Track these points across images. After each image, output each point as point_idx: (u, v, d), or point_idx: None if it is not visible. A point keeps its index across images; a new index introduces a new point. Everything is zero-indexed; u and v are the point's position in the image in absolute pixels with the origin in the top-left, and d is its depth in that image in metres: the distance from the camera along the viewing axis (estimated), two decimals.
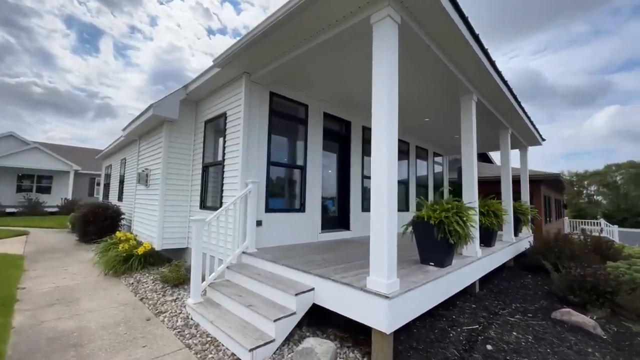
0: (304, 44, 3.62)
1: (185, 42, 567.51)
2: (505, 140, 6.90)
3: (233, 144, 4.66)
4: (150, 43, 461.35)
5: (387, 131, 2.76)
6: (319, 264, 3.62)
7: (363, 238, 6.22)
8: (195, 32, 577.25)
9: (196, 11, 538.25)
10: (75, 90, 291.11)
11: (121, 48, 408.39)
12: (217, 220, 3.90)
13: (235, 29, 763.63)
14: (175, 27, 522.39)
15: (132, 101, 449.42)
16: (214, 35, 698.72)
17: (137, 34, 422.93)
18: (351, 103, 5.97)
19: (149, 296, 4.12)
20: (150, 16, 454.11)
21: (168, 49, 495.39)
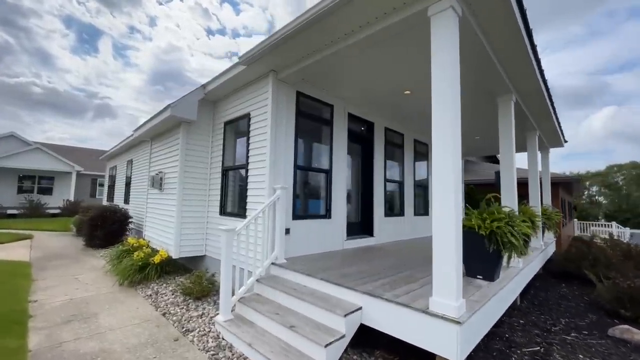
0: (342, 40, 3.35)
1: (184, 42, 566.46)
2: (533, 142, 6.64)
3: (258, 147, 4.38)
4: (149, 43, 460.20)
5: (451, 135, 2.49)
6: (359, 277, 3.34)
7: (388, 245, 5.95)
8: (194, 32, 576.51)
9: (195, 11, 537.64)
10: (74, 91, 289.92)
11: (120, 48, 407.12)
12: (247, 230, 3.61)
13: (235, 29, 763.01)
14: (175, 27, 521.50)
15: (131, 101, 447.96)
16: (213, 36, 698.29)
17: (137, 34, 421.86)
18: (375, 103, 5.69)
19: (172, 311, 3.84)
20: (150, 16, 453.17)
21: (167, 49, 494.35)
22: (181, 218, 5.16)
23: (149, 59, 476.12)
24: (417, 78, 4.58)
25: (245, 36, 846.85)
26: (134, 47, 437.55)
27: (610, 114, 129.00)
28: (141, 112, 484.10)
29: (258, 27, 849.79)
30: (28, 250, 7.67)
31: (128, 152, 11.26)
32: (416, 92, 5.06)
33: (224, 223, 4.96)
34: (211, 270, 5.01)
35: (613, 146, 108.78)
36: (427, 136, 8.14)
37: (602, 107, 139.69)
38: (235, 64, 4.35)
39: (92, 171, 22.29)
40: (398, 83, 4.80)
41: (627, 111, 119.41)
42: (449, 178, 2.42)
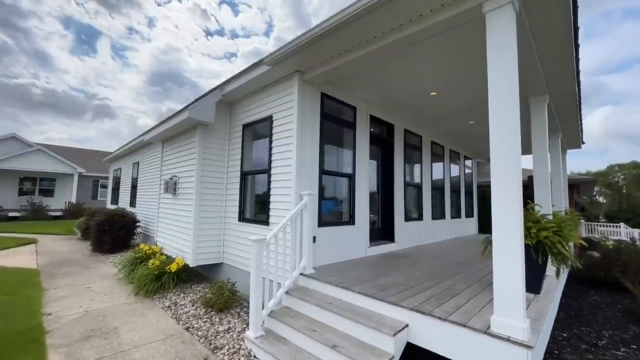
0: (379, 39, 3.16)
1: (182, 43, 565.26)
2: (556, 143, 6.46)
3: (282, 151, 4.19)
4: (148, 44, 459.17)
5: (511, 140, 2.29)
6: (398, 290, 3.14)
7: (410, 251, 5.76)
8: (193, 33, 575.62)
9: (194, 12, 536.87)
10: (72, 91, 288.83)
11: (119, 49, 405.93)
12: (276, 239, 3.42)
13: (233, 30, 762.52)
14: (173, 28, 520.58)
15: (130, 102, 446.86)
16: (212, 37, 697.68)
17: (135, 35, 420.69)
18: (398, 104, 5.50)
19: (195, 324, 3.64)
20: (148, 17, 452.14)
21: (166, 50, 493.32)
22: (198, 224, 4.96)
23: (148, 60, 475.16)
24: (446, 78, 4.41)
25: (243, 37, 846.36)
26: (132, 48, 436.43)
27: (606, 113, 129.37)
28: (140, 112, 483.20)
29: (256, 28, 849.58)
30: (34, 256, 7.46)
31: (134, 154, 11.05)
32: (443, 93, 4.88)
33: (244, 230, 4.78)
34: (229, 279, 4.82)
35: (610, 145, 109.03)
36: (443, 139, 7.96)
37: (599, 107, 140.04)
38: (254, 63, 4.16)
39: (94, 173, 22.05)
40: (426, 84, 4.62)
41: (623, 111, 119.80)
42: (512, 187, 2.24)
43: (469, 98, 5.08)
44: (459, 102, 5.27)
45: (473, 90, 4.75)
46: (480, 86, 4.54)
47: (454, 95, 5.00)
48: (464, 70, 4.15)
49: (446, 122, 6.42)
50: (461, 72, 4.21)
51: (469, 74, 4.22)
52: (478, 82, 4.43)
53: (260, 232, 4.40)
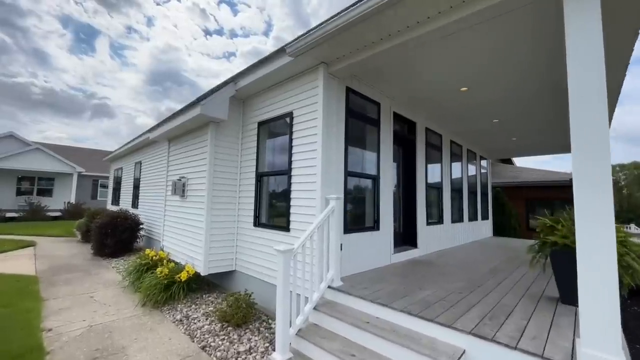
0: (419, 27, 2.82)
1: (181, 42, 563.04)
2: None
3: (304, 151, 3.83)
4: (147, 43, 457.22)
5: (600, 134, 1.94)
6: (442, 307, 2.79)
7: (434, 257, 5.42)
8: (192, 32, 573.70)
9: (193, 12, 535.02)
10: (71, 90, 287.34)
11: (118, 48, 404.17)
12: (303, 248, 3.06)
13: (232, 30, 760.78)
14: (172, 27, 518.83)
15: (128, 101, 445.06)
16: (211, 36, 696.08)
17: (134, 34, 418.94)
18: (423, 100, 5.14)
19: (212, 343, 3.28)
20: (147, 17, 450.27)
21: (165, 49, 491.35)
22: (210, 229, 4.60)
23: (147, 59, 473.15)
24: (479, 72, 4.05)
25: (242, 36, 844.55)
26: (131, 47, 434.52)
27: None
28: (138, 112, 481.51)
29: (256, 27, 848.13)
30: (33, 261, 7.08)
31: (136, 153, 10.67)
32: (474, 88, 4.53)
33: (260, 235, 4.42)
34: (241, 288, 4.48)
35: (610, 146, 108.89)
36: (462, 137, 7.61)
37: None
38: (273, 53, 3.80)
39: (94, 172, 21.64)
40: (457, 79, 4.27)
41: (622, 111, 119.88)
42: (603, 191, 1.88)
43: (499, 94, 4.73)
44: (488, 98, 4.92)
45: (505, 84, 4.41)
46: (514, 79, 4.22)
47: (485, 91, 4.65)
48: (499, 64, 3.81)
49: (470, 119, 6.07)
50: (497, 65, 3.86)
51: (504, 67, 3.88)
52: (512, 75, 4.11)
53: (279, 239, 4.06)
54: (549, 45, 3.32)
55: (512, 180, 11.50)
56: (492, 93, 4.72)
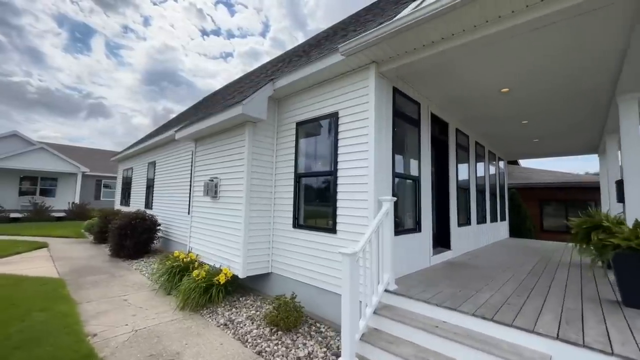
0: (493, 25, 2.76)
1: (178, 42, 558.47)
2: (614, 144, 6.15)
3: (353, 151, 3.77)
4: (143, 43, 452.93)
5: None
6: (512, 310, 2.75)
7: (465, 258, 5.39)
8: (188, 32, 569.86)
9: (190, 12, 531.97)
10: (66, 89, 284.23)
11: (114, 47, 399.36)
12: (364, 252, 3.00)
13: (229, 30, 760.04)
14: (169, 27, 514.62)
15: (124, 101, 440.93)
16: (208, 37, 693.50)
17: (130, 34, 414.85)
18: (459, 101, 5.10)
19: (267, 348, 3.20)
20: (144, 16, 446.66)
21: (161, 49, 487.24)
22: (249, 231, 4.52)
23: (143, 59, 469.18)
24: (527, 73, 4.01)
25: (239, 37, 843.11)
26: (127, 47, 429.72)
27: None
28: (135, 111, 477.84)
29: (253, 28, 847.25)
30: (51, 263, 6.94)
31: (149, 153, 10.55)
32: (516, 90, 4.50)
33: (300, 237, 4.35)
34: (278, 291, 4.42)
35: None
36: (485, 138, 7.60)
37: None
38: (321, 52, 3.73)
39: (97, 172, 21.39)
40: (500, 79, 4.23)
41: None
42: None
43: (539, 95, 4.71)
44: (527, 100, 4.90)
45: (547, 87, 4.39)
46: (557, 82, 4.20)
47: (525, 93, 4.62)
48: (548, 66, 3.78)
49: (500, 120, 6.05)
50: (545, 68, 3.83)
51: (552, 69, 3.85)
52: (557, 78, 4.09)
53: (323, 241, 4.00)
54: (596, 54, 3.32)
55: (526, 181, 11.54)
56: (531, 95, 4.69)
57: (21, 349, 3.01)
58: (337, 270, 3.76)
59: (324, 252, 3.96)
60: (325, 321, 3.83)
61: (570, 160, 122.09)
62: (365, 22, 4.58)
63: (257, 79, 6.95)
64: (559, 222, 11.43)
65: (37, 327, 3.52)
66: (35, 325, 3.54)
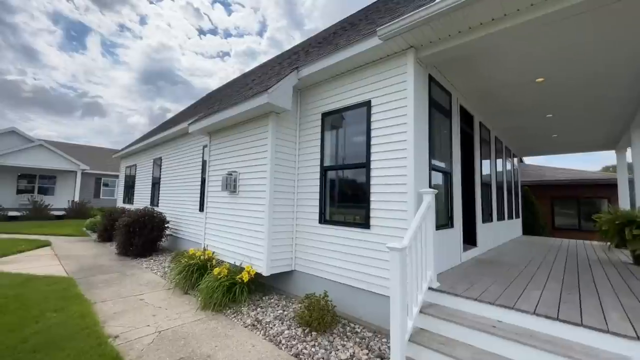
0: (536, 9, 2.58)
1: (175, 41, 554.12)
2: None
3: (387, 142, 3.57)
4: (139, 42, 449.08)
5: None
6: (571, 308, 2.56)
7: (490, 255, 5.24)
8: (185, 31, 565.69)
9: (187, 11, 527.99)
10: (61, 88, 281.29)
11: (109, 46, 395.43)
12: (409, 249, 2.80)
13: (226, 30, 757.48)
14: (165, 26, 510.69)
15: (120, 100, 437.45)
16: (205, 36, 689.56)
17: (127, 33, 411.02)
18: (487, 92, 4.91)
19: (304, 350, 2.99)
20: (140, 15, 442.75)
21: (158, 48, 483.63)
22: (272, 227, 4.31)
23: (139, 57, 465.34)
24: (567, 61, 3.84)
25: (236, 36, 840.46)
26: (123, 45, 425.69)
27: None
28: (131, 110, 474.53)
29: (250, 27, 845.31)
30: (57, 261, 6.68)
31: (154, 149, 10.30)
32: (552, 79, 4.32)
33: (328, 233, 4.15)
34: (302, 289, 4.25)
35: None
36: (504, 133, 7.42)
37: None
38: (357, 37, 3.52)
39: (97, 170, 21.02)
40: (539, 67, 4.05)
41: None
42: None
43: (573, 86, 4.54)
44: (560, 91, 4.72)
45: (583, 77, 4.22)
46: (594, 70, 4.02)
47: (561, 82, 4.44)
48: (589, 56, 3.62)
49: (525, 113, 5.88)
50: (586, 57, 3.67)
51: (594, 59, 3.69)
52: (595, 67, 3.92)
53: (355, 237, 3.80)
54: None
55: (539, 179, 11.42)
56: (566, 85, 4.52)
57: (40, 353, 2.79)
58: (373, 267, 3.56)
59: (357, 248, 3.77)
60: (359, 321, 3.63)
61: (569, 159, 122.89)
62: (395, 8, 4.38)
63: (272, 72, 6.72)
64: (571, 219, 11.33)
65: (54, 329, 3.28)
66: (52, 327, 3.31)
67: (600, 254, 5.75)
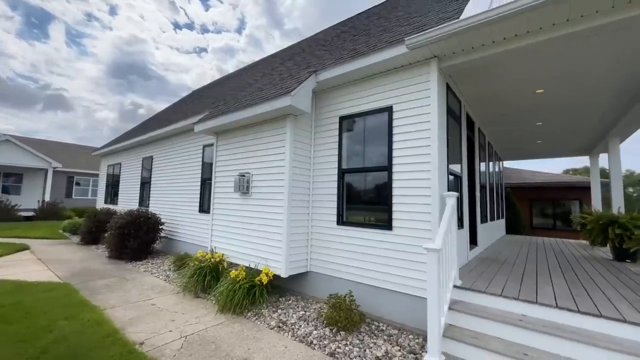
0: (589, 19, 2.82)
1: (148, 34, 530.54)
2: (616, 147, 6.62)
3: (410, 146, 3.72)
4: (109, 32, 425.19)
5: None
6: (585, 300, 2.84)
7: (489, 253, 5.62)
8: (159, 24, 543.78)
9: (161, 3, 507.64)
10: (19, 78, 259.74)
11: (75, 36, 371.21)
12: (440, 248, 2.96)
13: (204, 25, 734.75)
14: (138, 18, 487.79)
15: (87, 93, 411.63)
16: (180, 30, 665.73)
17: (95, 22, 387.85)
18: (487, 100, 5.23)
19: (337, 349, 3.06)
20: (110, 5, 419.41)
21: (129, 40, 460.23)
22: (290, 228, 4.33)
23: (109, 49, 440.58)
24: (569, 74, 4.19)
25: (214, 32, 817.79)
26: (91, 36, 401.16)
27: None
28: (99, 105, 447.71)
29: (228, 24, 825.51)
30: (44, 266, 6.26)
31: (143, 147, 9.89)
32: (550, 90, 4.68)
33: (346, 234, 4.24)
34: (319, 289, 4.33)
35: None
36: (495, 138, 7.88)
37: None
38: (374, 49, 3.65)
39: (69, 168, 19.70)
40: (539, 79, 4.38)
41: None
42: None
43: (568, 98, 4.95)
44: (556, 102, 5.13)
45: (582, 90, 4.62)
46: (592, 84, 4.41)
47: (558, 94, 4.83)
48: (593, 70, 3.98)
49: (517, 121, 6.30)
50: (590, 72, 4.03)
51: (598, 74, 4.06)
52: (595, 81, 4.29)
53: (377, 238, 3.92)
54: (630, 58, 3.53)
55: (520, 181, 12.21)
56: (561, 97, 4.92)
57: None
58: (395, 267, 3.70)
59: (378, 249, 3.89)
60: (382, 319, 3.75)
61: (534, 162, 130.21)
62: (409, 17, 4.56)
63: (276, 73, 6.71)
64: (547, 219, 12.24)
65: (72, 337, 3.12)
66: (70, 336, 3.14)
67: (581, 252, 6.28)
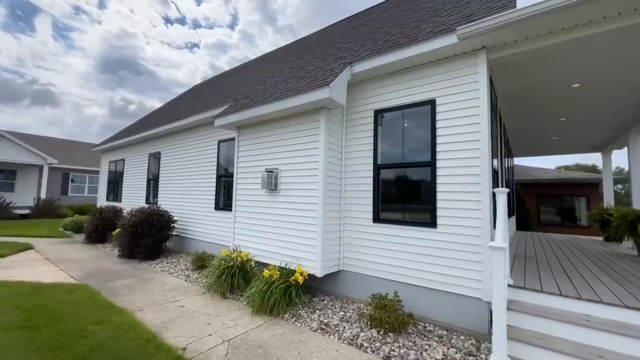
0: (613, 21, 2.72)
1: (139, 28, 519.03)
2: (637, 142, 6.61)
3: (457, 141, 3.59)
4: (98, 26, 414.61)
5: None
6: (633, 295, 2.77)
7: (513, 250, 5.49)
8: (150, 19, 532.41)
9: None
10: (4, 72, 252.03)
11: (63, 29, 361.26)
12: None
13: (195, 20, 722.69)
14: (128, 12, 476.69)
15: (76, 88, 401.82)
16: (172, 25, 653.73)
17: (83, 16, 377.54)
18: (516, 94, 5.13)
19: (391, 352, 2.94)
20: None
21: (119, 35, 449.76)
22: (324, 226, 4.18)
23: (98, 44, 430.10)
24: (611, 68, 4.10)
25: (206, 27, 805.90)
26: (79, 29, 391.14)
27: None
28: (88, 100, 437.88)
29: (220, 19, 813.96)
30: (54, 266, 6.00)
31: (150, 143, 9.58)
32: (588, 85, 4.60)
33: (384, 232, 4.11)
34: (352, 289, 4.24)
35: None
36: (513, 134, 7.82)
37: None
38: (418, 40, 3.49)
39: (64, 165, 19.12)
40: (581, 74, 4.29)
41: None
42: None
43: (603, 92, 4.88)
44: (588, 96, 5.05)
45: (616, 84, 4.55)
46: (629, 80, 4.34)
47: (593, 89, 4.75)
48: (626, 62, 3.90)
49: (541, 116, 6.24)
50: (626, 62, 3.95)
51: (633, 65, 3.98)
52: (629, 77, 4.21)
53: (420, 236, 3.80)
54: None
55: (528, 177, 12.26)
56: (595, 92, 4.84)
57: None
58: (440, 266, 3.58)
59: (420, 247, 3.76)
60: (425, 320, 3.64)
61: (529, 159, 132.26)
62: (440, 8, 4.40)
63: (299, 66, 6.49)
64: (554, 216, 12.35)
65: (111, 344, 2.92)
66: (107, 342, 2.95)
67: (600, 248, 6.28)
